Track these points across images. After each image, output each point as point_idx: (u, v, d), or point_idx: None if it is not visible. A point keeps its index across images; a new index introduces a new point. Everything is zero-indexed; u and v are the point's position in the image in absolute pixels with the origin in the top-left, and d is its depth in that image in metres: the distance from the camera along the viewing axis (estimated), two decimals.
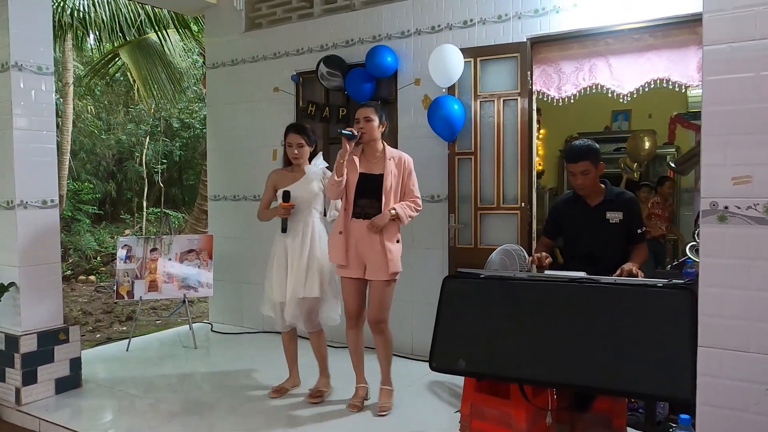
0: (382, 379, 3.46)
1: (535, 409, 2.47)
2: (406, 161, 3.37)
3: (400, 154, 3.40)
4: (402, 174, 3.34)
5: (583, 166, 3.07)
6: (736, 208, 1.87)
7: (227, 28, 5.49)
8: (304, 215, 3.52)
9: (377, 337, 3.38)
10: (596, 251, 3.12)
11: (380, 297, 3.31)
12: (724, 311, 1.91)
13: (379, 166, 3.32)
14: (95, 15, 7.92)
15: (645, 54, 3.76)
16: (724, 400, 1.91)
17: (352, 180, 3.32)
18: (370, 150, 3.37)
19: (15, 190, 3.57)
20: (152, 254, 4.96)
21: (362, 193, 3.31)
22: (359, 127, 3.29)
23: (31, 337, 3.59)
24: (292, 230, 3.51)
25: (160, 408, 3.53)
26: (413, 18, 4.48)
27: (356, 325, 3.44)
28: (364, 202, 3.31)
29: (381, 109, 3.40)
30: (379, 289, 3.31)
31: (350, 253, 3.32)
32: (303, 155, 3.53)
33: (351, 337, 3.47)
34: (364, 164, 3.35)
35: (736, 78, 1.87)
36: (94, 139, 12.50)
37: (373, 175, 3.31)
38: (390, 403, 3.41)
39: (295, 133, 3.54)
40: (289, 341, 3.74)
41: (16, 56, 3.57)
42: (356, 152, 3.37)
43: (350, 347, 3.50)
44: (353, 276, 3.34)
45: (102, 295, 7.90)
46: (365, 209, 3.30)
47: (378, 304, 3.32)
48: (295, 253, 3.48)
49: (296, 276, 3.45)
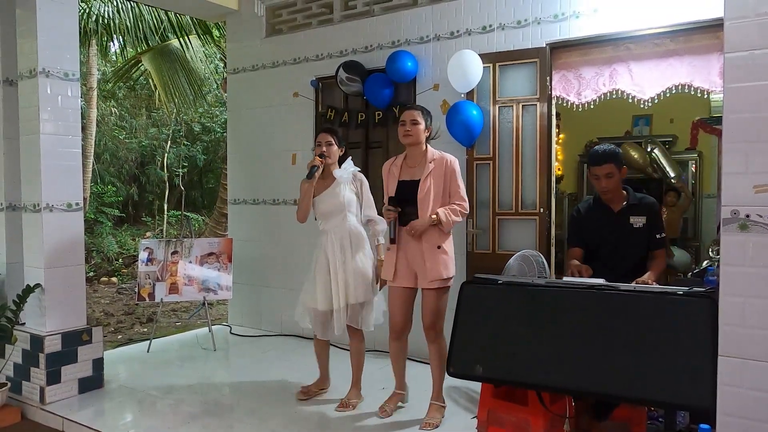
0: (434, 394, 3.31)
1: (552, 417, 2.46)
2: (449, 162, 3.23)
3: (442, 154, 3.26)
4: (445, 175, 3.21)
5: (607, 169, 3.06)
6: (758, 216, 1.85)
7: (248, 34, 5.56)
8: (339, 220, 3.49)
9: (430, 345, 3.26)
10: (618, 256, 3.10)
11: (431, 304, 3.21)
12: (745, 320, 1.89)
13: (420, 171, 3.24)
14: (119, 21, 8.06)
15: (667, 59, 3.72)
16: (745, 409, 1.89)
17: (391, 189, 3.30)
18: (414, 154, 3.29)
19: (41, 194, 3.65)
20: (173, 257, 5.03)
21: (404, 201, 3.24)
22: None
23: (56, 337, 3.67)
24: (330, 241, 3.47)
25: (180, 409, 3.58)
26: (432, 23, 4.49)
27: (399, 338, 3.34)
28: (408, 209, 3.23)
29: (428, 112, 3.32)
30: (429, 296, 3.23)
31: (399, 261, 3.26)
32: (332, 155, 3.51)
33: (393, 348, 3.38)
34: (405, 171, 3.30)
35: (758, 86, 1.85)
36: (117, 142, 12.71)
37: (414, 181, 3.23)
38: (438, 420, 3.24)
39: (324, 132, 3.56)
40: (322, 349, 3.74)
41: (43, 63, 3.65)
42: (399, 160, 3.34)
43: (392, 357, 3.42)
44: (402, 285, 3.27)
45: (123, 296, 8.02)
46: (410, 217, 3.22)
47: (429, 311, 3.22)
48: (337, 260, 3.43)
49: (344, 283, 3.42)
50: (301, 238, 4.97)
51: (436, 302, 3.22)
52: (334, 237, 3.47)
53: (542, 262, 3.10)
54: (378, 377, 3.97)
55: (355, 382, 3.61)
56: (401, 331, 3.33)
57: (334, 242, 3.46)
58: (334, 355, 3.94)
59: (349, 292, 3.42)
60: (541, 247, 3.93)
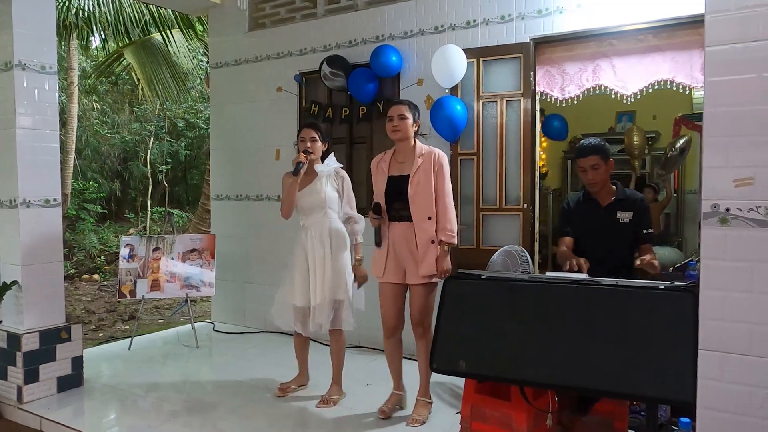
0: (420, 391, 3.30)
1: (535, 411, 2.46)
2: (437, 156, 3.20)
3: (431, 149, 3.24)
4: (433, 170, 3.17)
5: (593, 161, 3.07)
6: (738, 210, 1.85)
7: (231, 28, 5.50)
8: (319, 216, 3.47)
9: (418, 342, 3.25)
10: (605, 250, 3.10)
11: (420, 300, 3.21)
12: (725, 314, 1.89)
13: (409, 166, 3.22)
14: (100, 15, 7.95)
15: (649, 55, 3.74)
16: (725, 403, 1.90)
17: (381, 185, 3.28)
18: (402, 149, 3.27)
19: (18, 189, 3.58)
20: (155, 253, 4.97)
21: (394, 197, 3.23)
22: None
23: (33, 335, 3.60)
24: (310, 237, 3.46)
25: (162, 407, 3.54)
26: (416, 18, 4.47)
27: (393, 335, 3.31)
28: (398, 205, 3.22)
29: (415, 106, 3.30)
30: (418, 291, 3.22)
31: (389, 257, 3.25)
32: (316, 150, 3.49)
33: (388, 347, 3.36)
34: (394, 166, 3.28)
35: (739, 79, 1.85)
36: (99, 138, 12.54)
37: (403, 176, 3.21)
38: (426, 415, 3.24)
39: (308, 127, 3.54)
40: (302, 345, 3.71)
41: (19, 55, 3.58)
42: (387, 156, 3.33)
43: (387, 357, 3.39)
44: (392, 281, 3.26)
45: (105, 293, 7.93)
46: (399, 212, 3.21)
47: (417, 307, 3.22)
48: (316, 256, 3.42)
49: (323, 280, 3.40)
50: (284, 234, 4.91)
51: (426, 298, 3.21)
52: (314, 233, 3.45)
53: (526, 258, 3.11)
54: (363, 374, 3.96)
55: (335, 379, 3.60)
56: (394, 329, 3.31)
57: (314, 238, 3.44)
58: (316, 350, 3.93)
59: (326, 290, 3.39)
60: (525, 242, 3.93)
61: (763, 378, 1.84)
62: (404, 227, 3.21)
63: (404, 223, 3.21)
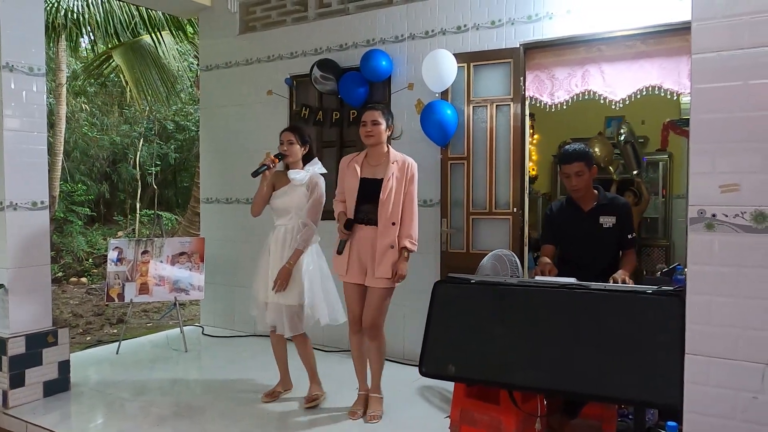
0: (372, 387, 3.44)
1: (524, 415, 2.46)
2: (410, 166, 3.28)
3: (404, 158, 3.31)
4: (404, 178, 3.25)
5: (577, 167, 3.10)
6: (724, 216, 1.87)
7: (221, 30, 5.48)
8: (287, 219, 3.52)
9: (370, 342, 3.35)
10: (589, 255, 3.12)
11: (375, 302, 3.26)
12: (711, 319, 1.91)
13: (382, 170, 3.27)
14: (89, 16, 7.90)
15: (637, 61, 3.77)
16: (711, 407, 1.91)
17: (353, 186, 3.30)
18: (375, 153, 3.32)
19: (4, 192, 3.55)
20: (143, 256, 4.94)
21: (365, 199, 3.26)
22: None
23: (19, 339, 3.57)
24: (275, 236, 3.52)
25: (151, 411, 3.51)
26: (407, 23, 4.49)
27: (359, 330, 3.38)
28: (367, 207, 3.26)
29: (389, 111, 3.36)
30: (374, 294, 3.27)
31: (352, 258, 3.29)
32: (292, 153, 3.50)
33: (354, 342, 3.43)
34: (367, 169, 3.32)
35: (725, 86, 1.88)
36: (87, 140, 12.45)
37: (376, 179, 3.26)
38: (380, 411, 3.38)
39: (287, 131, 3.57)
40: (276, 342, 3.72)
41: (7, 57, 3.55)
42: (359, 157, 3.36)
43: (353, 353, 3.46)
44: (353, 281, 3.31)
45: (93, 297, 7.87)
46: (368, 215, 3.25)
47: (372, 309, 3.28)
48: (276, 259, 3.47)
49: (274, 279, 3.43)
50: None
51: (381, 300, 3.28)
52: (279, 234, 3.52)
53: (515, 262, 3.12)
54: (352, 376, 3.95)
55: (311, 378, 3.64)
56: (359, 323, 3.37)
57: (278, 239, 3.51)
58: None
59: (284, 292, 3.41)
60: (515, 246, 3.94)
61: (748, 382, 1.86)
62: (370, 230, 3.25)
63: (371, 227, 3.25)
